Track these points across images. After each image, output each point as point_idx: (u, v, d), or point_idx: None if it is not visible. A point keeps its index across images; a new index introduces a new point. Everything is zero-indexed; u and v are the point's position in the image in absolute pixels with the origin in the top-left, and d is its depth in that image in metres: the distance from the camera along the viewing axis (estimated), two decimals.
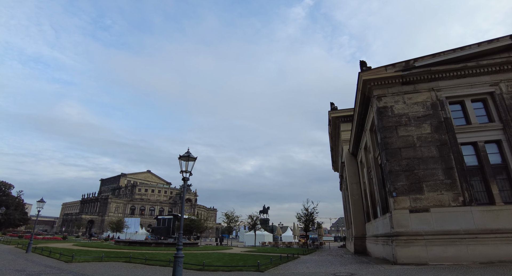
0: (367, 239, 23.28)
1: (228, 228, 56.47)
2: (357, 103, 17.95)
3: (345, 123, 27.88)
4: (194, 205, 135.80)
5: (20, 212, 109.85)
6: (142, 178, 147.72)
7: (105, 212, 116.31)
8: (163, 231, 78.97)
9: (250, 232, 60.92)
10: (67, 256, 17.20)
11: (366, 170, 21.51)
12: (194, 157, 9.66)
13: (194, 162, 9.71)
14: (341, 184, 39.65)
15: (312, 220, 43.94)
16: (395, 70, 15.15)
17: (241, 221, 55.24)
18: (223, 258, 18.86)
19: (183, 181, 9.63)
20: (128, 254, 19.88)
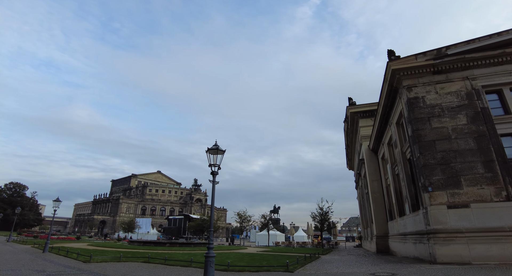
0: (390, 238, 22.36)
1: (241, 228, 55.79)
2: (383, 95, 17.09)
3: (364, 118, 26.97)
4: (204, 205, 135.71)
5: (34, 212, 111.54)
6: (152, 178, 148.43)
7: (117, 212, 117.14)
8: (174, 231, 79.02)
9: (262, 231, 60.23)
10: (84, 256, 16.82)
11: (390, 166, 20.60)
12: (223, 150, 9.04)
13: (222, 155, 9.09)
14: (358, 182, 38.64)
15: (327, 220, 43.03)
16: (426, 59, 14.29)
17: (254, 221, 54.54)
18: (243, 258, 18.22)
19: (212, 175, 9.01)
20: (145, 254, 19.45)
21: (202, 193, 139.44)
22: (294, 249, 36.43)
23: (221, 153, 9.04)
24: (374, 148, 25.22)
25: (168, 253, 21.28)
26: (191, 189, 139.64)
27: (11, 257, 15.94)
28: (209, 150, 8.96)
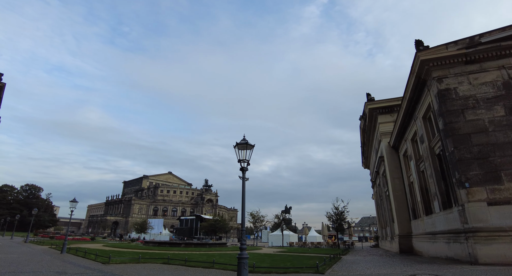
0: (414, 238, 21.49)
1: (254, 228, 55.29)
2: (409, 88, 16.30)
3: (383, 115, 26.11)
4: (215, 205, 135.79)
5: (49, 213, 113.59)
6: (163, 179, 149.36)
7: (129, 213, 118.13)
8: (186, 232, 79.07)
9: (275, 232, 59.58)
10: (103, 257, 16.55)
11: (413, 162, 19.75)
12: (252, 144, 8.51)
13: (252, 149, 8.57)
14: (375, 181, 37.64)
15: (343, 219, 42.13)
16: (457, 48, 13.49)
17: (267, 221, 53.98)
18: (264, 259, 17.66)
19: (242, 171, 8.49)
20: (162, 255, 19.12)
21: (213, 193, 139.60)
22: (310, 249, 35.72)
23: (250, 148, 8.53)
24: (395, 145, 24.35)
25: (185, 254, 20.91)
26: (202, 190, 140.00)
27: (31, 258, 15.77)
28: (238, 144, 8.46)
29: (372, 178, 41.21)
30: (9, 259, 14.73)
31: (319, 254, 25.48)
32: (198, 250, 27.71)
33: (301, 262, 15.45)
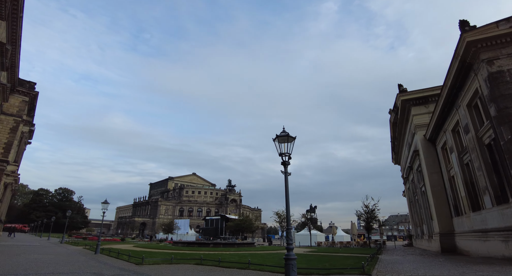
0: (458, 236, 20.00)
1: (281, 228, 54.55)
2: (451, 74, 15.04)
3: (418, 106, 24.61)
4: (239, 205, 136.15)
5: (81, 215, 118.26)
6: (188, 180, 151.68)
7: (156, 214, 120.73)
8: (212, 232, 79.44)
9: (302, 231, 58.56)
10: (135, 257, 16.48)
11: (456, 155, 18.33)
12: (293, 136, 7.86)
13: (293, 142, 7.92)
14: (407, 177, 35.82)
15: (374, 218, 40.54)
16: (510, 26, 12.18)
17: (294, 220, 53.08)
18: (299, 260, 16.80)
19: (283, 166, 7.87)
20: (194, 256, 18.87)
21: (237, 193, 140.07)
22: (341, 249, 34.54)
23: (291, 140, 7.88)
24: (432, 137, 22.85)
25: (215, 254, 20.58)
26: (225, 190, 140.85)
27: (67, 259, 15.95)
28: (278, 137, 7.83)
29: (404, 174, 39.34)
30: (47, 259, 14.93)
31: (352, 253, 24.42)
32: (227, 250, 27.39)
33: (339, 262, 14.63)
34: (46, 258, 15.78)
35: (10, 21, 32.14)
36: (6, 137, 47.23)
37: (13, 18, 32.32)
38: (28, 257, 15.42)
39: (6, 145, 46.89)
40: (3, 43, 32.11)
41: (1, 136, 46.97)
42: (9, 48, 34.44)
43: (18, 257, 15.29)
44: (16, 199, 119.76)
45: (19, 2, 31.09)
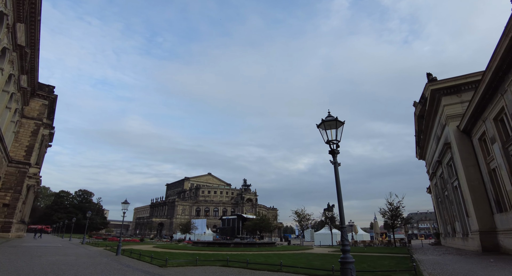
0: (502, 234, 18.38)
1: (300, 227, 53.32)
2: (497, 55, 13.61)
3: (449, 96, 23.00)
4: (255, 204, 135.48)
5: (100, 216, 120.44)
6: (203, 180, 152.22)
7: (173, 214, 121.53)
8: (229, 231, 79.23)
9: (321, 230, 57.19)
10: (158, 259, 15.79)
11: (499, 145, 16.77)
12: (342, 121, 6.82)
13: (342, 127, 6.88)
14: (434, 172, 33.95)
15: (399, 215, 38.83)
16: None
17: (313, 219, 51.81)
18: (331, 260, 15.85)
19: (332, 155, 6.86)
20: (217, 256, 18.11)
21: (252, 193, 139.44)
22: (366, 248, 33.11)
23: (340, 125, 6.85)
24: (467, 128, 21.24)
25: (239, 255, 19.76)
26: (241, 189, 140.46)
27: (88, 260, 15.45)
28: (324, 122, 6.81)
29: (431, 169, 37.42)
30: (68, 261, 14.46)
31: (382, 253, 23.14)
32: (249, 250, 26.55)
33: (378, 264, 13.50)
34: (68, 259, 15.33)
35: (29, 24, 32.35)
36: (28, 140, 48.06)
37: (31, 21, 32.54)
38: (49, 259, 15.00)
39: (27, 147, 47.71)
40: (22, 46, 32.39)
41: (23, 140, 47.84)
42: (28, 52, 34.77)
43: (40, 259, 14.89)
44: (39, 201, 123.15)
45: (37, 5, 31.29)
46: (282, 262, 11.94)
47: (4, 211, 41.62)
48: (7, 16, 24.00)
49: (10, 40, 27.68)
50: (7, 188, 42.42)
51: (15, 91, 36.01)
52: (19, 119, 45.04)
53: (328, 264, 13.16)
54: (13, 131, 43.07)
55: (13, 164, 43.51)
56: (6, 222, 41.46)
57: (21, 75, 35.97)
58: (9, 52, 28.45)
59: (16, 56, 31.11)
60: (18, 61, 32.64)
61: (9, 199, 42.12)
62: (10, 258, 14.47)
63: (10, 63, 30.10)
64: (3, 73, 28.89)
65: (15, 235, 42.94)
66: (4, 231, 40.84)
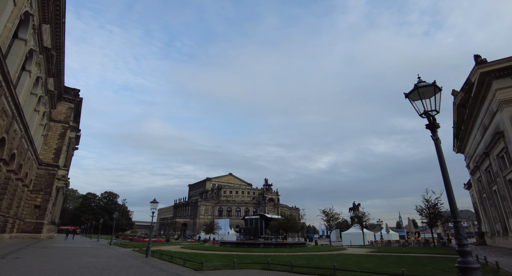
0: None
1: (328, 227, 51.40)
2: None
3: (503, 79, 20.64)
4: (277, 204, 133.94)
5: (125, 217, 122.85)
6: (225, 180, 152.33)
7: (196, 214, 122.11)
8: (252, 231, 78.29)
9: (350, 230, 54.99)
10: (191, 262, 14.77)
11: None
12: (439, 86, 5.32)
13: (439, 94, 5.37)
14: (478, 165, 31.17)
15: (438, 213, 36.27)
16: None
17: (342, 218, 49.76)
18: (385, 263, 14.21)
19: (430, 130, 5.38)
20: (253, 258, 16.90)
21: (274, 192, 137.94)
22: (405, 248, 30.96)
23: (438, 91, 5.34)
24: None
25: (274, 256, 18.46)
26: (262, 189, 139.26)
27: (119, 263, 14.65)
28: (417, 88, 5.30)
29: (472, 163, 34.55)
30: (99, 264, 13.68)
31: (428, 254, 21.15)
32: (281, 251, 25.24)
33: (441, 266, 11.78)
34: (98, 262, 14.58)
35: (54, 26, 32.52)
36: (56, 143, 48.97)
37: (56, 24, 32.70)
38: (79, 261, 14.30)
39: (56, 150, 48.60)
40: (48, 48, 32.57)
41: (51, 143, 48.78)
42: (54, 54, 35.05)
43: (69, 261, 14.21)
44: (68, 203, 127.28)
45: (61, 7, 31.37)
46: (336, 266, 10.47)
47: (36, 212, 42.44)
48: (33, 17, 23.92)
49: (37, 42, 27.76)
50: (38, 190, 43.28)
51: (42, 94, 36.47)
52: (47, 122, 45.90)
53: (390, 268, 11.59)
54: (42, 135, 43.91)
55: (42, 166, 44.36)
56: (38, 223, 42.25)
57: (48, 78, 36.38)
58: (36, 54, 28.58)
59: (42, 59, 31.33)
60: (45, 64, 32.91)
61: (40, 200, 42.94)
62: (41, 260, 13.87)
63: (37, 65, 30.32)
64: (31, 76, 29.08)
65: (46, 236, 43.75)
66: (36, 232, 41.62)
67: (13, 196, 32.21)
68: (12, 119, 24.71)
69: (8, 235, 32.86)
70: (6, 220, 31.34)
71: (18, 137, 28.76)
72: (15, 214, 35.06)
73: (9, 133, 24.71)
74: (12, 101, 23.39)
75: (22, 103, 27.20)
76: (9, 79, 20.70)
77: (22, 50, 24.00)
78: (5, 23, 19.34)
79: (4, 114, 22.45)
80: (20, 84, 27.47)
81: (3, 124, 22.70)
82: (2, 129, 22.91)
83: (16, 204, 34.47)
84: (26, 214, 41.15)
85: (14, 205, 32.94)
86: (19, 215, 37.30)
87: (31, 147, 35.27)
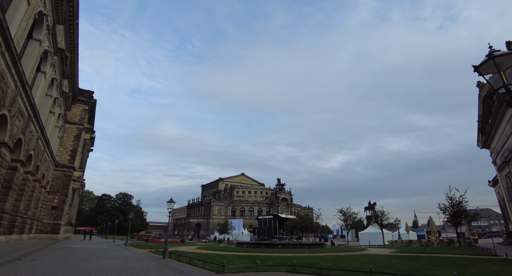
0: None
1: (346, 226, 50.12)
2: None
3: None
4: (290, 204, 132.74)
5: (140, 218, 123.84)
6: (237, 181, 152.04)
7: (209, 215, 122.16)
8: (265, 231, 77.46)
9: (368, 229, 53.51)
10: (212, 263, 14.12)
11: None
12: None
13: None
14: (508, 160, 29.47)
15: (463, 211, 34.63)
16: None
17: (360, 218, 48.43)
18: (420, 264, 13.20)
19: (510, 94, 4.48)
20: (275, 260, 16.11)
21: (287, 192, 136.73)
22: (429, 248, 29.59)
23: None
24: None
25: (296, 257, 17.61)
26: (275, 189, 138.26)
27: (137, 265, 14.13)
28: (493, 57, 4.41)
29: (500, 158, 32.79)
30: (116, 266, 13.18)
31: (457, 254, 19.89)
32: (300, 252, 24.38)
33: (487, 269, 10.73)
34: (115, 264, 14.08)
35: (68, 27, 32.56)
36: (71, 144, 49.41)
37: (69, 25, 32.73)
38: (96, 263, 13.84)
39: (71, 151, 49.04)
40: (63, 49, 32.62)
41: (67, 144, 49.24)
42: (68, 55, 35.14)
43: (86, 263, 13.77)
44: (84, 204, 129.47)
45: (74, 7, 31.35)
46: (371, 268, 9.55)
47: (53, 213, 42.83)
48: (47, 17, 23.81)
49: (51, 43, 27.74)
50: (55, 191, 43.69)
51: (57, 96, 36.66)
52: (63, 124, 46.31)
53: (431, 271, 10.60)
54: (58, 136, 44.28)
55: (59, 167, 44.77)
56: (55, 224, 42.62)
57: (62, 80, 36.55)
58: (50, 55, 28.58)
59: (57, 60, 31.39)
60: (59, 65, 32.99)
61: (56, 201, 43.33)
62: (57, 262, 13.47)
63: (52, 67, 30.38)
64: (46, 77, 29.11)
65: (63, 236, 44.12)
66: (54, 233, 41.99)
67: (31, 197, 32.41)
68: (28, 120, 24.68)
69: (26, 236, 33.11)
70: (24, 221, 31.56)
71: (35, 138, 28.84)
72: (33, 215, 35.33)
73: (25, 134, 24.70)
74: (28, 102, 23.34)
75: (37, 105, 27.23)
76: (24, 79, 20.58)
77: (36, 51, 23.91)
78: (19, 22, 19.18)
79: (20, 115, 22.40)
80: (35, 86, 27.50)
81: (19, 125, 22.65)
82: (19, 130, 22.86)
83: (34, 205, 34.72)
84: (43, 215, 41.55)
85: (31, 206, 33.16)
86: (37, 216, 37.62)
87: (47, 148, 35.47)
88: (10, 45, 16.93)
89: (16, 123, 21.75)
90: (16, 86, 19.96)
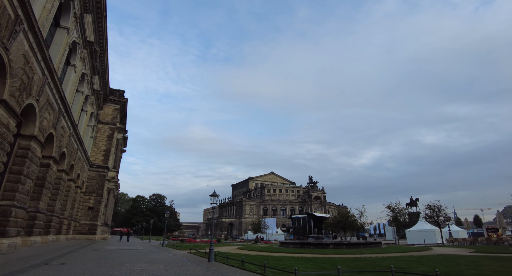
0: None
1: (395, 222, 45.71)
2: None
3: None
4: (324, 202, 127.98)
5: (174, 219, 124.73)
6: (267, 179, 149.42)
7: (241, 214, 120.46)
8: (300, 230, 73.79)
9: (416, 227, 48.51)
10: (272, 269, 11.32)
11: None
12: None
13: None
14: None
15: None
16: None
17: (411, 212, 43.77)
18: None
19: None
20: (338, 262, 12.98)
21: (320, 190, 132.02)
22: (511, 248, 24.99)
23: None
24: None
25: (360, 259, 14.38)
26: (307, 187, 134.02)
27: (180, 271, 11.67)
28: None
29: None
30: (157, 272, 10.80)
31: None
32: (360, 252, 21.04)
33: None
34: (155, 269, 11.67)
35: (96, 20, 31.35)
36: (104, 144, 48.99)
37: (98, 17, 31.46)
38: (133, 269, 11.49)
39: (105, 152, 48.59)
40: (92, 42, 31.46)
41: (100, 144, 48.90)
42: (97, 50, 34.00)
43: (121, 268, 11.48)
44: (119, 206, 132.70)
45: None
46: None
47: (89, 214, 42.33)
48: (73, 2, 22.34)
49: (80, 34, 26.41)
50: (90, 192, 43.21)
51: (89, 93, 35.76)
52: (96, 124, 45.86)
53: None
54: (91, 136, 43.81)
55: (93, 168, 44.31)
56: (92, 225, 42.07)
57: (93, 76, 35.63)
58: (79, 47, 27.33)
59: (86, 54, 30.21)
60: (89, 60, 31.88)
61: (92, 202, 42.82)
62: (87, 267, 11.29)
63: (81, 61, 29.21)
64: (76, 71, 27.89)
65: (100, 237, 43.56)
66: (91, 233, 41.43)
67: (66, 197, 31.55)
68: (59, 114, 23.33)
69: (64, 237, 32.35)
70: (61, 222, 30.70)
71: (67, 135, 27.70)
72: (70, 216, 34.63)
73: (56, 129, 23.37)
74: (58, 94, 21.92)
75: (68, 100, 25.99)
76: (52, 67, 19.02)
77: (65, 40, 22.44)
78: (43, 3, 17.57)
79: (50, 107, 20.95)
80: (65, 80, 26.28)
81: (49, 118, 21.23)
82: (49, 124, 21.46)
83: (70, 206, 33.97)
84: (80, 215, 41.11)
85: (68, 207, 32.34)
86: (74, 217, 37.02)
87: (81, 147, 34.62)
88: (34, 24, 15.18)
89: (46, 116, 20.29)
90: (44, 74, 18.39)
